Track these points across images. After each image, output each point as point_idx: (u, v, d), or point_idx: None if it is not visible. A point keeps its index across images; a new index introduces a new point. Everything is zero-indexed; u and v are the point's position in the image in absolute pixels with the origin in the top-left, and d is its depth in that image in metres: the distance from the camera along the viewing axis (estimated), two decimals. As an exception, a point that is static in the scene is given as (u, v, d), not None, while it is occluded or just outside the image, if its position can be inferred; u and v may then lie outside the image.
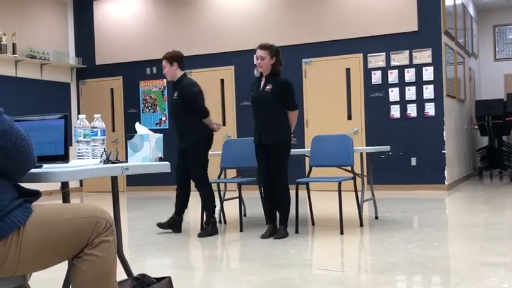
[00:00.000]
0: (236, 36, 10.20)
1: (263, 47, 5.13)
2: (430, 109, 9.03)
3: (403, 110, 9.18)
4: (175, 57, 5.63)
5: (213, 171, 7.78)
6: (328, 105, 9.61)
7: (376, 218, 6.13)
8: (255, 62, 5.31)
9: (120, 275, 2.39)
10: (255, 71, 5.31)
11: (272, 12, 9.97)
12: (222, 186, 6.25)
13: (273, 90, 5.09)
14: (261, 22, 10.03)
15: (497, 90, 12.88)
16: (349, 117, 9.54)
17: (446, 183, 8.97)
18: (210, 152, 5.68)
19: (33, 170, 2.03)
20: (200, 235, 5.42)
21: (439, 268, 3.89)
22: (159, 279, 2.53)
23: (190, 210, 7.96)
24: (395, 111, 9.22)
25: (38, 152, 2.03)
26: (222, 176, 6.33)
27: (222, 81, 10.41)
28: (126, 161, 2.71)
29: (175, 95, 5.62)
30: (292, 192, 5.25)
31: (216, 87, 10.43)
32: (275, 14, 9.95)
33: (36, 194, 1.99)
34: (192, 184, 5.69)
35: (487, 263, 3.94)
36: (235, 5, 10.22)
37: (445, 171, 8.96)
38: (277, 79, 5.14)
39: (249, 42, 10.10)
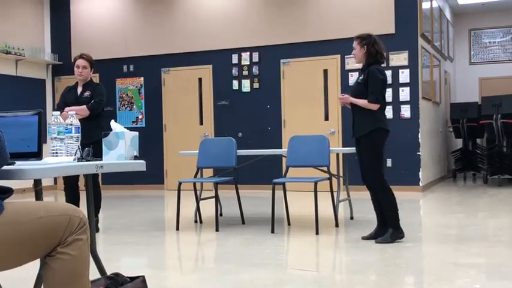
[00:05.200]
0: (215, 35, 10.17)
1: (358, 38, 5.08)
2: (406, 111, 9.11)
3: (380, 112, 9.22)
4: (93, 64, 5.82)
5: (189, 170, 7.73)
6: (305, 105, 9.64)
7: (352, 218, 6.17)
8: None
9: (94, 274, 2.36)
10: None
11: (251, 12, 9.97)
12: (198, 185, 6.22)
13: (362, 80, 5.04)
14: (240, 22, 10.02)
15: (472, 94, 13.06)
16: (326, 118, 9.59)
17: (420, 184, 9.06)
18: (186, 152, 5.55)
19: (5, 167, 1.99)
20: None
21: (412, 268, 3.93)
22: (132, 279, 2.51)
23: (166, 210, 7.93)
24: (371, 113, 9.26)
25: (11, 149, 2.00)
26: (199, 175, 6.30)
27: (200, 80, 10.38)
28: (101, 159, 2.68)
29: (87, 93, 5.70)
30: (268, 193, 5.24)
31: (194, 86, 10.40)
32: (254, 13, 9.95)
33: (8, 191, 1.96)
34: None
35: (459, 263, 4.00)
36: (213, 4, 10.20)
37: (420, 173, 9.06)
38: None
39: (227, 42, 10.12)
